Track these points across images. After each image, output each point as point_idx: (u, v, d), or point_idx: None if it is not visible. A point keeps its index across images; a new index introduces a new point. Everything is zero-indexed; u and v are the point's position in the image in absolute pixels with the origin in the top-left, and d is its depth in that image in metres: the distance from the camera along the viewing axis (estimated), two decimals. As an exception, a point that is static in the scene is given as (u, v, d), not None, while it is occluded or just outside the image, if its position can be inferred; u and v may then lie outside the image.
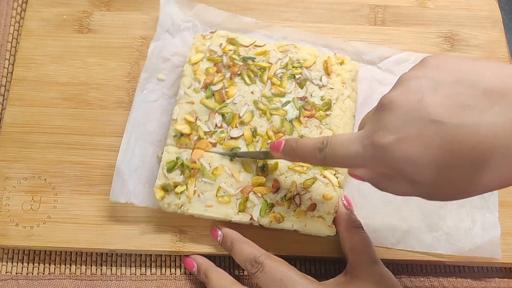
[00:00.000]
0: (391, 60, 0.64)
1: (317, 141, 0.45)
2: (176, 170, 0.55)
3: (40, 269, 0.56)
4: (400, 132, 0.38)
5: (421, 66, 0.41)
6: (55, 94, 0.62)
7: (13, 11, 0.67)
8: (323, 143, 0.44)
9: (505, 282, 0.58)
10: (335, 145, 0.44)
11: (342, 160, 0.44)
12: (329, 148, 0.44)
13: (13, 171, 0.58)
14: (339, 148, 0.43)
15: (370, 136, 0.40)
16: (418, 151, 0.38)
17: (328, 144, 0.44)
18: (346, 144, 0.43)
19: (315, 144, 0.45)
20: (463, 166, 0.37)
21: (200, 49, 0.60)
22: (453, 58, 0.40)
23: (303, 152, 0.47)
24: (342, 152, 0.43)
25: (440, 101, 0.37)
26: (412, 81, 0.39)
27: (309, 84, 0.59)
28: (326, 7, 0.68)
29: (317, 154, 0.45)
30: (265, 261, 0.50)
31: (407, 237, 0.57)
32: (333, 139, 0.44)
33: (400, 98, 0.39)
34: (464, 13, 0.69)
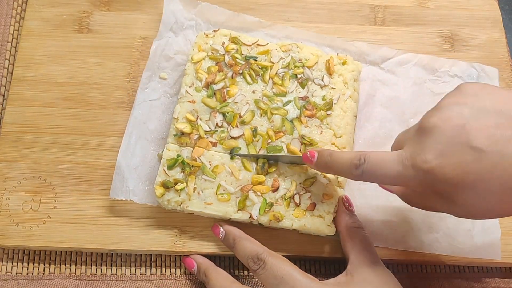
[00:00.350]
0: (393, 61, 0.64)
1: (353, 156, 0.47)
2: (176, 168, 0.55)
3: (40, 269, 0.56)
4: (442, 157, 0.41)
5: (460, 93, 0.43)
6: (55, 94, 0.62)
7: (13, 11, 0.67)
8: (360, 160, 0.46)
9: (505, 282, 0.58)
10: (374, 163, 0.46)
11: (381, 178, 0.46)
12: (367, 165, 0.46)
13: (13, 171, 0.58)
14: (378, 166, 0.45)
15: (411, 157, 0.43)
16: (459, 176, 0.40)
17: (366, 161, 0.46)
18: (386, 163, 0.45)
19: (352, 159, 0.47)
20: (500, 192, 0.40)
21: (202, 48, 0.60)
22: (490, 87, 0.43)
23: (338, 167, 0.49)
24: (382, 171, 0.45)
25: (481, 129, 0.40)
26: (453, 107, 0.42)
27: (311, 83, 0.59)
28: (326, 7, 0.68)
29: (354, 170, 0.47)
30: (267, 258, 0.50)
31: (408, 237, 0.57)
32: (371, 156, 0.46)
33: (442, 123, 0.42)
34: (464, 13, 0.69)
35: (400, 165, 0.44)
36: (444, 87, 0.63)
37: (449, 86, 0.63)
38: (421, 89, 0.63)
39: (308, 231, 0.55)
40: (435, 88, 0.63)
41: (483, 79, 0.63)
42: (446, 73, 0.64)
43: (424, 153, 0.42)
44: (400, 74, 0.64)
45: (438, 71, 0.64)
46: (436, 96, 0.62)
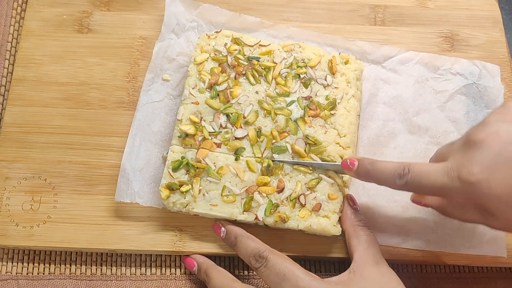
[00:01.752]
0: (395, 60, 0.64)
1: (397, 166, 0.48)
2: (181, 169, 0.55)
3: (40, 269, 0.56)
4: (489, 171, 0.43)
5: (507, 110, 0.46)
6: (55, 94, 0.62)
7: (13, 11, 0.67)
8: (404, 170, 0.48)
9: (505, 283, 0.58)
10: (419, 173, 0.47)
11: (425, 188, 0.47)
12: (412, 175, 0.47)
13: (13, 171, 0.58)
14: (424, 177, 0.47)
15: (457, 170, 0.44)
16: (504, 191, 0.42)
17: (410, 172, 0.47)
18: (431, 173, 0.46)
19: (395, 169, 0.48)
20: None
21: (205, 49, 0.60)
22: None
23: (380, 176, 0.50)
24: (427, 182, 0.46)
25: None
26: (500, 123, 0.44)
27: (314, 83, 0.59)
28: (326, 7, 0.68)
29: (397, 180, 0.48)
30: (269, 256, 0.50)
31: (413, 236, 0.57)
32: (415, 167, 0.48)
33: (490, 138, 0.44)
34: (464, 13, 0.69)
35: (446, 176, 0.45)
36: (446, 85, 0.63)
37: (451, 84, 0.63)
38: (423, 87, 0.63)
39: (314, 232, 0.55)
40: (437, 86, 0.63)
41: (485, 76, 0.64)
42: (448, 71, 0.64)
43: (470, 166, 0.44)
44: (402, 73, 0.64)
45: (440, 69, 0.64)
46: (438, 94, 0.62)
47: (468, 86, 0.63)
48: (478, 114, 0.62)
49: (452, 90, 0.63)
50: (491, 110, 0.62)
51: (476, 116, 0.62)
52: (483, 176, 0.43)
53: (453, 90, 0.63)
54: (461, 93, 0.63)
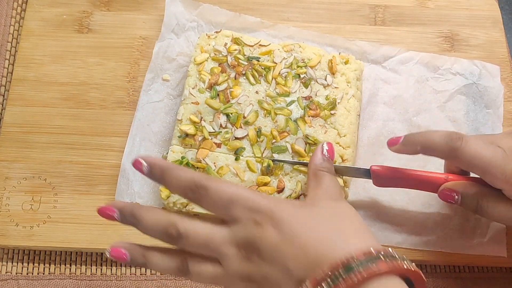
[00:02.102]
0: (395, 60, 0.64)
1: (447, 132, 0.48)
2: None
3: (40, 269, 0.56)
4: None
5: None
6: (55, 94, 0.62)
7: (13, 11, 0.67)
8: (456, 135, 0.48)
9: (505, 283, 0.58)
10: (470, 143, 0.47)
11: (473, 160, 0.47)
12: (465, 143, 0.47)
13: (13, 171, 0.58)
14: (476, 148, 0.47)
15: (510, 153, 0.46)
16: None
17: (463, 140, 0.47)
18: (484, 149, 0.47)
19: (447, 134, 0.48)
20: None
21: (205, 49, 0.60)
22: None
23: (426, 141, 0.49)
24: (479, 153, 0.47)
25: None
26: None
27: (314, 83, 0.59)
28: (326, 7, 0.68)
29: (451, 142, 0.47)
30: (208, 184, 0.42)
31: (413, 235, 0.57)
32: (467, 138, 0.48)
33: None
34: (464, 13, 0.69)
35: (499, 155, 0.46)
36: (446, 85, 0.63)
37: (451, 84, 0.63)
38: (423, 87, 0.63)
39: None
40: (437, 86, 0.63)
41: (485, 76, 0.64)
42: (448, 71, 0.64)
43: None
44: (402, 73, 0.64)
45: (440, 69, 0.64)
46: (438, 94, 0.62)
47: (468, 86, 0.63)
48: (478, 114, 0.62)
49: (452, 90, 0.63)
50: (491, 110, 0.62)
51: (476, 116, 0.62)
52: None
53: (453, 90, 0.63)
54: (461, 93, 0.63)
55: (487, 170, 0.47)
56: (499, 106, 0.62)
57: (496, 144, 0.48)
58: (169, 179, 0.44)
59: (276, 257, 0.40)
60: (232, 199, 0.42)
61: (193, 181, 0.43)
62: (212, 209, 0.43)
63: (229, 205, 0.42)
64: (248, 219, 0.41)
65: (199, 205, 0.43)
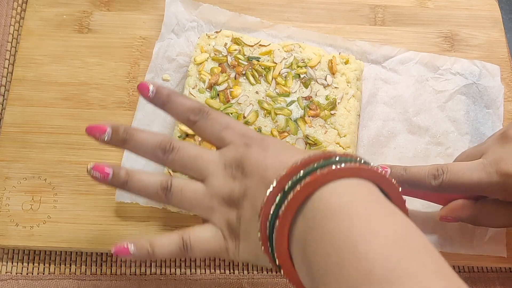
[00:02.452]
0: (395, 60, 0.64)
1: (431, 168, 0.49)
2: None
3: (40, 269, 0.56)
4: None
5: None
6: (55, 94, 0.62)
7: (13, 11, 0.67)
8: (437, 171, 0.48)
9: (505, 283, 0.58)
10: (454, 172, 0.48)
11: (461, 186, 0.48)
12: (447, 175, 0.48)
13: (13, 171, 0.58)
14: (460, 175, 0.48)
15: (495, 164, 0.46)
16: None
17: (445, 172, 0.48)
18: (467, 171, 0.47)
19: (429, 171, 0.49)
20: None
21: (205, 49, 0.60)
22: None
23: (414, 179, 0.50)
24: (463, 179, 0.47)
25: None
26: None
27: (314, 83, 0.59)
28: (326, 7, 0.68)
29: (432, 181, 0.48)
30: (210, 111, 0.45)
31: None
32: (450, 166, 0.48)
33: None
34: (464, 13, 0.69)
35: (482, 171, 0.47)
36: (446, 85, 0.63)
37: (451, 84, 0.63)
38: (423, 87, 0.63)
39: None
40: (437, 86, 0.63)
41: (485, 76, 0.64)
42: (448, 71, 0.64)
43: (509, 159, 0.46)
44: (402, 73, 0.64)
45: (440, 69, 0.64)
46: (438, 94, 0.63)
47: (468, 86, 0.63)
48: (478, 114, 0.62)
49: (452, 90, 0.63)
50: (491, 110, 0.62)
51: (476, 116, 0.62)
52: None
53: (453, 90, 0.63)
54: (461, 93, 0.63)
55: (477, 191, 0.49)
56: (499, 106, 0.62)
57: (481, 157, 0.49)
58: (174, 103, 0.46)
59: (257, 169, 0.41)
60: (229, 124, 0.45)
61: (197, 105, 0.45)
62: (208, 134, 0.45)
63: (225, 130, 0.44)
64: (239, 142, 0.44)
65: (197, 130, 0.45)
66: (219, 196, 0.43)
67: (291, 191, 0.37)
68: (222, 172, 0.44)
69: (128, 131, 0.45)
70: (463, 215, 0.52)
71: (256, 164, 0.42)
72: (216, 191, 0.43)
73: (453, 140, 0.61)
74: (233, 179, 0.43)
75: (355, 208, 0.35)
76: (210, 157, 0.44)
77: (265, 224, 0.39)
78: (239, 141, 0.44)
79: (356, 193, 0.36)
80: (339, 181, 0.37)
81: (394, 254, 0.31)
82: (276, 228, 0.37)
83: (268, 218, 0.38)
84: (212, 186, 0.44)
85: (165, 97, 0.46)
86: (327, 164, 0.37)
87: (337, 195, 0.36)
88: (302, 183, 0.37)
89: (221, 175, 0.44)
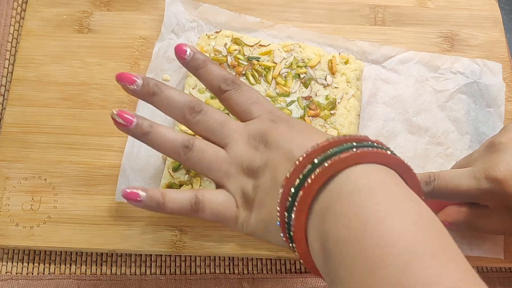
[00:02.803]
0: (395, 59, 0.64)
1: (423, 175, 0.50)
2: (181, 169, 0.55)
3: (40, 269, 0.56)
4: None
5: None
6: (55, 94, 0.62)
7: (13, 11, 0.67)
8: (429, 177, 0.49)
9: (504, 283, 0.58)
10: (444, 178, 0.49)
11: (452, 192, 0.49)
12: (438, 181, 0.49)
13: (13, 171, 0.58)
14: (450, 181, 0.49)
15: (484, 171, 0.47)
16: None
17: (436, 178, 0.49)
18: (457, 178, 0.48)
19: (422, 178, 0.50)
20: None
21: (205, 49, 0.60)
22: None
23: None
24: (453, 185, 0.48)
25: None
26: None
27: (314, 83, 0.59)
28: (326, 7, 0.68)
29: (424, 187, 0.49)
30: (242, 84, 0.47)
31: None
32: (441, 174, 0.49)
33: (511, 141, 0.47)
34: (464, 13, 0.69)
35: (472, 178, 0.47)
36: (447, 84, 0.63)
37: (451, 83, 0.63)
38: (423, 86, 0.63)
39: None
40: (437, 86, 0.63)
41: (486, 74, 0.64)
42: (449, 70, 0.64)
43: (497, 166, 0.46)
44: (402, 72, 0.64)
45: (440, 68, 0.64)
46: (438, 93, 0.62)
47: (469, 85, 0.63)
48: (478, 113, 0.62)
49: (453, 89, 0.63)
50: (492, 109, 0.62)
51: (477, 115, 0.62)
52: (508, 173, 0.45)
53: (453, 89, 0.63)
54: (462, 92, 0.63)
55: (468, 197, 0.50)
56: (501, 104, 0.62)
57: (471, 164, 0.50)
58: (209, 69, 0.47)
59: (283, 143, 0.42)
60: (258, 99, 0.46)
61: (231, 76, 0.47)
62: (236, 105, 0.46)
63: (254, 104, 0.46)
64: (266, 117, 0.45)
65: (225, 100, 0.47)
66: (239, 163, 0.44)
67: (320, 164, 0.37)
68: (245, 141, 0.45)
69: (158, 85, 0.46)
70: (459, 219, 0.52)
71: (281, 137, 0.43)
72: (237, 158, 0.45)
73: (453, 140, 0.61)
74: (255, 149, 0.44)
75: (383, 189, 0.36)
76: (235, 125, 0.46)
77: (288, 193, 0.39)
78: (265, 116, 0.45)
79: (383, 177, 0.37)
80: (369, 165, 0.38)
81: (417, 234, 0.33)
82: (299, 197, 0.38)
83: (291, 188, 0.38)
84: (234, 152, 0.45)
85: (201, 61, 0.47)
86: (359, 146, 0.38)
87: (367, 175, 0.37)
88: (332, 160, 0.37)
89: (244, 144, 0.45)
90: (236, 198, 0.45)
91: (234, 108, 0.47)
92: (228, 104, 0.47)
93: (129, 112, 0.46)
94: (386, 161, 0.38)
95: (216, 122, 0.46)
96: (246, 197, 0.44)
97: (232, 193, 0.45)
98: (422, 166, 0.59)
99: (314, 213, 0.38)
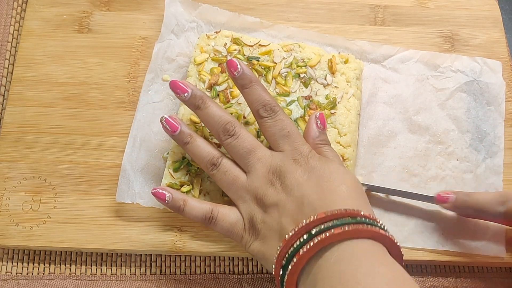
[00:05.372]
0: (395, 59, 0.64)
1: (497, 195, 0.51)
2: (182, 170, 0.55)
3: (40, 269, 0.56)
4: None
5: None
6: (55, 94, 0.62)
7: (13, 11, 0.67)
8: (505, 197, 0.51)
9: (505, 283, 0.58)
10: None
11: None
12: None
13: (13, 171, 0.58)
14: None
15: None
16: None
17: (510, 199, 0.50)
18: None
19: (495, 197, 0.51)
20: None
21: (204, 49, 0.60)
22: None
23: (479, 205, 0.52)
24: None
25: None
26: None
27: (314, 83, 0.59)
28: (326, 7, 0.68)
29: (499, 207, 0.51)
30: (280, 112, 0.50)
31: (414, 235, 0.57)
32: None
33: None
34: (464, 13, 0.69)
35: None
36: (447, 83, 0.63)
37: (451, 82, 0.63)
38: (423, 85, 0.63)
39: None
40: (437, 84, 0.63)
41: (486, 73, 0.63)
42: (449, 69, 0.64)
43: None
44: (402, 72, 0.64)
45: (441, 67, 0.64)
46: (438, 92, 0.62)
47: (469, 83, 0.63)
48: (479, 112, 0.62)
49: (453, 88, 0.63)
50: (492, 107, 0.62)
51: (477, 113, 0.62)
52: None
53: (453, 88, 0.63)
54: (462, 90, 0.63)
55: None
56: (501, 102, 0.62)
57: None
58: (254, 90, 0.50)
59: (295, 192, 0.47)
60: (289, 133, 0.50)
61: (270, 101, 0.50)
62: (268, 133, 0.50)
63: (283, 138, 0.49)
64: (290, 154, 0.49)
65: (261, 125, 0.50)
66: (254, 193, 0.49)
67: (316, 235, 0.42)
68: (264, 174, 0.49)
69: (204, 100, 0.51)
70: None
71: (296, 184, 0.47)
72: (253, 188, 0.49)
73: (454, 138, 0.61)
74: (271, 184, 0.48)
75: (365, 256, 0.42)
76: (261, 154, 0.50)
77: (284, 254, 0.44)
78: (290, 153, 0.49)
79: (368, 247, 0.43)
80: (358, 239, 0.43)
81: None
82: (294, 262, 0.43)
83: (288, 250, 0.44)
84: (252, 181, 0.49)
85: (248, 81, 0.51)
86: (353, 222, 0.43)
87: (355, 246, 0.42)
88: (326, 234, 0.42)
89: (263, 176, 0.49)
90: (245, 221, 0.50)
91: (266, 136, 0.51)
92: (263, 130, 0.51)
93: (176, 119, 0.52)
94: (373, 235, 0.43)
95: (244, 149, 0.50)
96: (253, 225, 0.49)
97: (243, 215, 0.50)
98: (422, 165, 0.59)
99: (305, 273, 0.43)
